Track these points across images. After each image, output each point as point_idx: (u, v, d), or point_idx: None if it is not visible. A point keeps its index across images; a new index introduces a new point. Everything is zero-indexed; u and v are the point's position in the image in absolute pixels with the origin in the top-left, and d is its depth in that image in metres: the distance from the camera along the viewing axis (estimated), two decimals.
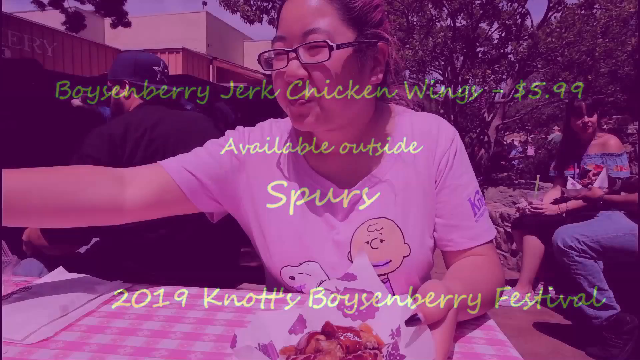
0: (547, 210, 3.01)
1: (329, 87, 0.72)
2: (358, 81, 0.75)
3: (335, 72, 0.72)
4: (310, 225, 0.84)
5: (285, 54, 0.73)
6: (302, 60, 0.72)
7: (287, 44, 0.73)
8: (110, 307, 0.76)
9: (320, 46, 0.71)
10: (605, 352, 2.26)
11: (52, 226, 0.81)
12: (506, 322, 2.75)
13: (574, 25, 5.75)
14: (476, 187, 0.86)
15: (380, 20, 0.79)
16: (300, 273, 0.83)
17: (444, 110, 7.12)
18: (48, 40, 11.74)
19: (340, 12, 0.73)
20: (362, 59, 0.75)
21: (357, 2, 0.74)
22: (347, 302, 0.63)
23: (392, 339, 0.58)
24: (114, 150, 1.41)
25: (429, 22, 6.88)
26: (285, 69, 0.73)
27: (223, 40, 18.00)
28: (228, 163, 0.88)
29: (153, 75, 1.69)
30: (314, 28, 0.71)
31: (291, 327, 0.63)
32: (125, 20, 11.13)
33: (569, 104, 3.21)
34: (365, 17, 0.75)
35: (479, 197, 0.86)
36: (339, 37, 0.72)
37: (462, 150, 0.87)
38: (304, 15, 0.72)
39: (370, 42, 0.76)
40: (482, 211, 0.85)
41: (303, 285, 0.84)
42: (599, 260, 2.30)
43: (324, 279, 0.82)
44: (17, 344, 0.62)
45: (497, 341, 0.65)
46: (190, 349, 0.61)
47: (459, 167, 0.85)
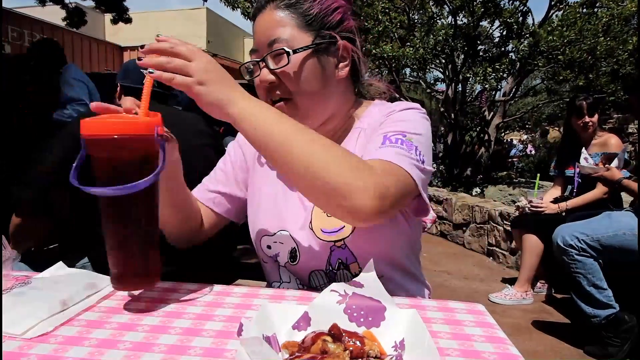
0: (546, 209, 3.01)
1: (297, 88, 0.83)
2: (323, 79, 0.85)
3: (297, 74, 0.82)
4: (286, 196, 0.94)
5: (258, 64, 0.86)
6: (269, 68, 0.84)
7: (258, 54, 0.86)
8: (110, 302, 0.76)
9: (281, 53, 0.82)
10: (603, 351, 2.27)
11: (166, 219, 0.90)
12: (505, 320, 2.75)
13: (575, 24, 5.74)
14: (405, 133, 0.81)
15: (341, 20, 0.88)
16: (275, 242, 0.93)
17: (445, 108, 7.11)
18: (48, 36, 11.71)
19: (297, 21, 0.84)
20: (323, 58, 0.85)
21: (313, 10, 0.85)
22: (355, 307, 0.63)
23: (395, 351, 0.58)
24: None
25: (430, 19, 6.87)
26: (259, 76, 0.85)
27: (223, 37, 17.96)
28: (235, 157, 1.05)
29: (140, 77, 1.67)
30: (276, 38, 0.83)
31: (295, 323, 0.63)
32: (126, 16, 11.09)
33: (570, 103, 3.21)
34: (321, 21, 0.85)
35: (403, 140, 0.79)
36: (298, 42, 0.82)
37: (409, 114, 0.87)
38: (267, 28, 0.84)
39: (326, 42, 0.85)
40: (395, 145, 0.78)
41: (277, 254, 0.93)
42: (598, 259, 2.30)
43: (293, 246, 0.91)
44: (16, 338, 0.62)
45: (496, 339, 0.65)
46: (189, 345, 0.61)
47: (392, 120, 0.86)
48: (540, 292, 3.20)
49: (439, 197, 5.16)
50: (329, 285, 0.68)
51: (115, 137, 0.63)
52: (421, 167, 0.78)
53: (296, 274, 0.93)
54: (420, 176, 0.77)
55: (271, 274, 0.98)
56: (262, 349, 0.50)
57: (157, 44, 0.71)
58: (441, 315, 0.73)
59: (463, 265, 4.02)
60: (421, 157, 0.79)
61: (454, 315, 0.73)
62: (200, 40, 16.55)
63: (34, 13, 11.46)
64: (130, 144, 0.65)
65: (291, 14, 0.84)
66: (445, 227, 4.99)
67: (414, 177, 0.76)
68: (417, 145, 0.80)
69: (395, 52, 6.06)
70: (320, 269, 0.90)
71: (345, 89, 0.93)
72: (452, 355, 0.60)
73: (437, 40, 6.16)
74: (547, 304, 3.05)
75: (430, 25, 6.71)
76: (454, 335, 0.66)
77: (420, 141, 0.82)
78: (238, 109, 0.71)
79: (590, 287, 2.27)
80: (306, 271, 0.91)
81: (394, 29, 6.72)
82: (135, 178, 0.64)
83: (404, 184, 0.75)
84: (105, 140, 0.64)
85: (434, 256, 4.25)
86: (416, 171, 0.77)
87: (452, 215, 4.85)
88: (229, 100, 0.70)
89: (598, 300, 2.26)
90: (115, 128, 0.64)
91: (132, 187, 0.63)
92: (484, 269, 3.92)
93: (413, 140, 0.80)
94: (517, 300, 3.01)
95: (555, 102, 8.95)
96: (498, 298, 3.05)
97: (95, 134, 0.64)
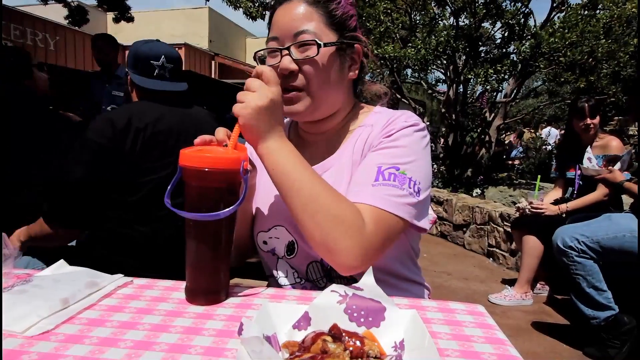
0: (547, 210, 3.01)
1: (317, 79, 0.88)
2: (339, 75, 0.91)
3: (321, 66, 0.87)
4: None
5: (279, 52, 0.88)
6: (293, 57, 0.87)
7: (279, 43, 0.89)
8: (111, 300, 0.76)
9: (309, 44, 0.86)
10: (603, 353, 2.27)
11: None
12: (504, 321, 2.76)
13: (576, 26, 5.73)
14: (399, 165, 0.83)
15: (355, 27, 0.95)
16: (270, 237, 0.96)
17: (446, 109, 7.10)
18: (50, 35, 11.71)
19: (324, 18, 0.89)
20: (342, 57, 0.91)
21: (338, 11, 0.90)
22: (355, 307, 0.64)
23: (395, 351, 0.58)
24: (115, 137, 1.43)
25: (432, 20, 6.87)
26: (280, 63, 0.87)
27: (225, 37, 17.97)
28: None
29: (150, 70, 1.61)
30: (303, 30, 0.87)
31: (295, 323, 0.63)
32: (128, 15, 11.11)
33: (572, 105, 3.20)
34: (344, 23, 0.91)
35: (396, 174, 0.82)
36: (324, 38, 0.88)
37: (405, 136, 0.88)
38: (294, 19, 0.88)
39: (349, 43, 0.92)
40: (387, 184, 0.81)
41: (273, 249, 0.96)
42: (598, 260, 2.30)
43: (290, 240, 0.93)
44: (17, 336, 0.62)
45: (496, 340, 0.65)
46: (190, 343, 0.61)
47: (388, 144, 0.87)
48: (540, 293, 3.21)
49: (440, 197, 5.16)
50: (329, 286, 0.68)
51: (206, 170, 0.72)
52: (413, 201, 0.82)
53: (294, 267, 0.95)
54: (411, 212, 0.82)
55: (269, 266, 1.00)
56: (262, 348, 0.50)
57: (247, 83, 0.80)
58: (441, 315, 0.73)
59: (463, 266, 4.02)
60: (415, 187, 0.83)
61: (454, 316, 0.73)
62: (202, 40, 16.57)
63: (36, 11, 11.47)
64: (218, 177, 0.74)
65: (319, 11, 0.88)
66: (446, 228, 4.99)
67: (405, 218, 0.81)
68: (411, 176, 0.83)
69: (397, 52, 6.06)
70: (317, 260, 0.92)
71: (349, 90, 0.99)
72: (451, 356, 0.60)
73: (438, 41, 6.15)
74: (547, 305, 3.05)
75: (432, 26, 6.70)
76: (454, 336, 0.66)
77: (414, 169, 0.85)
78: (266, 145, 0.79)
79: (590, 288, 2.27)
80: (304, 263, 0.93)
81: (396, 29, 6.73)
82: (220, 205, 0.73)
83: (394, 229, 0.81)
84: (197, 171, 0.73)
85: (434, 257, 4.25)
86: (407, 209, 0.82)
87: (452, 216, 4.86)
88: (263, 136, 0.79)
89: (598, 301, 2.26)
90: (207, 162, 0.72)
91: (215, 215, 0.73)
92: (484, 269, 3.92)
93: (407, 172, 0.83)
94: (516, 302, 3.01)
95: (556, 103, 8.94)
96: (498, 299, 3.05)
97: (190, 165, 0.73)
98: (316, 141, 1.00)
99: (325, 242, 0.76)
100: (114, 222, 1.49)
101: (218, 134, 0.81)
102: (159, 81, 1.62)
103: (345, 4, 0.92)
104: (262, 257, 1.02)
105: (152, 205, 1.47)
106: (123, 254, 1.49)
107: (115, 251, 1.49)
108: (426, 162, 0.88)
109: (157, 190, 1.45)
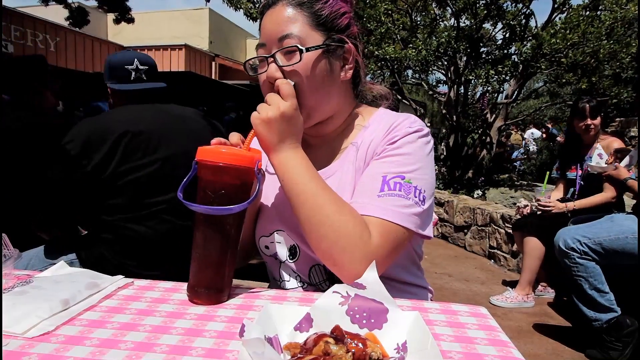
0: (554, 208, 2.96)
1: (304, 86, 0.85)
2: (329, 78, 0.88)
3: (306, 72, 0.84)
4: (283, 197, 0.92)
5: (265, 60, 0.87)
6: (278, 64, 0.85)
7: (267, 49, 0.87)
8: (112, 301, 0.76)
9: (293, 50, 0.84)
10: (604, 355, 2.26)
11: None
12: (506, 323, 2.75)
13: (578, 27, 5.73)
14: (404, 174, 0.83)
15: (347, 25, 0.91)
16: (272, 242, 0.96)
17: (447, 110, 7.10)
18: (51, 36, 11.75)
19: (309, 19, 0.86)
20: (331, 58, 0.88)
21: (324, 11, 0.87)
22: (357, 308, 0.63)
23: (398, 353, 0.58)
24: (88, 147, 1.44)
25: (433, 21, 6.88)
26: (266, 72, 0.86)
27: (226, 38, 17.98)
28: None
29: (126, 75, 1.64)
30: (287, 34, 0.84)
31: (297, 324, 0.62)
32: (129, 16, 11.13)
33: (573, 106, 3.20)
34: (332, 23, 0.88)
35: (402, 184, 0.82)
36: (309, 41, 0.85)
37: (409, 143, 0.87)
38: (278, 23, 0.86)
39: (336, 44, 0.88)
40: (393, 194, 0.81)
41: (275, 253, 0.96)
42: (600, 262, 2.29)
43: (292, 244, 0.92)
44: (17, 337, 0.62)
45: (499, 342, 0.65)
46: (191, 345, 0.61)
47: (392, 151, 0.86)
48: (541, 295, 3.20)
49: (441, 199, 5.16)
50: (331, 287, 0.67)
51: (221, 165, 0.74)
52: (419, 210, 0.82)
53: (296, 270, 0.94)
54: (417, 222, 0.82)
55: (272, 270, 1.00)
56: (264, 350, 0.50)
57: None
58: (444, 317, 0.73)
59: (464, 267, 4.02)
60: (421, 195, 0.83)
61: (456, 317, 0.73)
62: (203, 41, 16.58)
63: (37, 12, 11.49)
64: (233, 172, 0.75)
65: (303, 12, 0.86)
66: (447, 230, 4.98)
67: (410, 228, 0.81)
68: (416, 184, 0.83)
69: (398, 53, 6.06)
70: (319, 263, 0.91)
71: (346, 92, 0.96)
72: (454, 358, 0.60)
73: (439, 42, 6.15)
74: (549, 306, 3.04)
75: (432, 27, 6.71)
76: (457, 338, 0.65)
77: (419, 177, 0.84)
78: (277, 156, 0.82)
79: (592, 290, 2.27)
80: (306, 266, 0.92)
81: (397, 30, 6.73)
82: (232, 202, 0.75)
83: (400, 240, 0.81)
84: (213, 166, 0.75)
85: (435, 258, 4.24)
86: (413, 219, 0.81)
87: (453, 218, 4.85)
88: (274, 146, 0.81)
89: (599, 303, 2.25)
90: (223, 157, 0.74)
91: (228, 209, 0.74)
92: (485, 271, 3.91)
93: (412, 181, 0.83)
94: (518, 303, 3.00)
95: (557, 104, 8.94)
96: (499, 301, 3.04)
97: (206, 159, 0.75)
98: (318, 144, 0.98)
99: (330, 254, 0.76)
100: (110, 224, 1.50)
101: (232, 138, 0.82)
102: (138, 83, 1.65)
103: (335, 2, 0.89)
104: (265, 261, 1.01)
105: (141, 204, 1.48)
106: (123, 255, 1.49)
107: (115, 252, 1.49)
108: (430, 169, 0.88)
109: (144, 189, 1.47)
